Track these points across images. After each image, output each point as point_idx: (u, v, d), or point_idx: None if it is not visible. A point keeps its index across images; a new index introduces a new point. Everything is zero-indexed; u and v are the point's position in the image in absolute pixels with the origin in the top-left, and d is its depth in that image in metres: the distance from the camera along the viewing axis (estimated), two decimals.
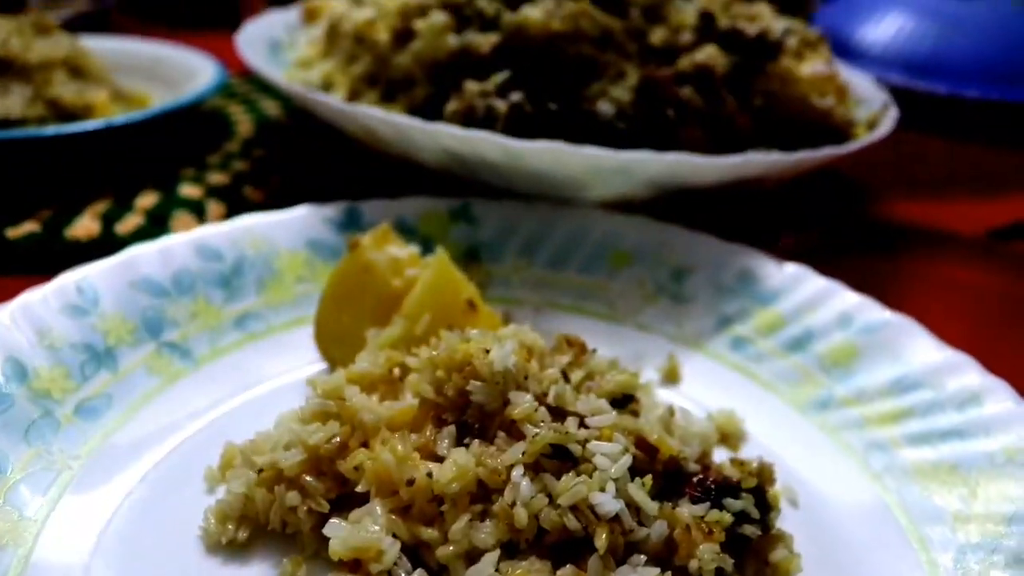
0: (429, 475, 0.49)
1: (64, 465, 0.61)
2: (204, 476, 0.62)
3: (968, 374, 0.70)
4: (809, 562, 0.58)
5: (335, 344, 0.70)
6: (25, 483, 0.58)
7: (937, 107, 1.56)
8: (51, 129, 0.99)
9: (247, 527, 0.56)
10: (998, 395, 0.68)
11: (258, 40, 1.15)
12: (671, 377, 0.76)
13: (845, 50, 1.69)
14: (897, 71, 1.63)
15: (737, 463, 0.59)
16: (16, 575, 0.52)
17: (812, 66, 1.01)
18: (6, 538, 0.54)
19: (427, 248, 0.77)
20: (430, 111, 0.92)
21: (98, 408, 0.66)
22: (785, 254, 0.84)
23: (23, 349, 0.65)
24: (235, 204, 1.00)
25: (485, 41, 0.90)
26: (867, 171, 1.30)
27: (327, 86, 1.03)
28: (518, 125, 0.86)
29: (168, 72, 1.27)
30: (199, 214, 0.98)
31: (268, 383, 0.71)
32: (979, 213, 1.21)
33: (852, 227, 1.13)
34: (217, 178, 1.05)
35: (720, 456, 0.65)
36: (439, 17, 0.93)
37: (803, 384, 0.74)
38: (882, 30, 1.74)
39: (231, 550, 0.56)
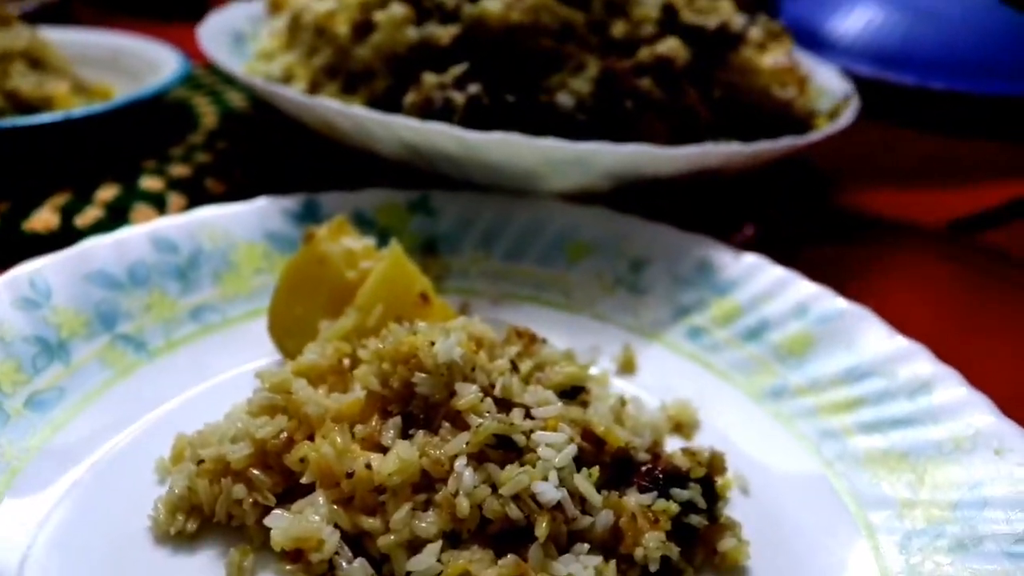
0: (368, 466, 0.49)
1: (12, 458, 0.60)
2: (155, 467, 0.61)
3: (919, 363, 0.71)
4: (758, 549, 0.59)
5: (289, 336, 0.70)
6: None
7: (905, 98, 1.57)
8: (7, 121, 0.98)
9: (196, 518, 0.56)
10: (948, 384, 0.69)
11: (221, 32, 1.14)
12: (627, 367, 0.76)
13: (814, 41, 1.70)
14: (866, 62, 1.64)
15: (688, 453, 0.60)
16: None
17: (773, 57, 1.01)
18: None
19: (385, 240, 0.77)
20: (390, 103, 0.92)
21: (49, 401, 0.65)
22: (747, 243, 0.85)
23: None
24: (197, 196, 0.99)
25: (445, 33, 0.90)
26: (834, 161, 1.30)
27: (288, 78, 1.02)
28: (476, 117, 0.86)
29: (131, 64, 1.26)
30: (160, 207, 0.97)
31: (223, 375, 0.71)
32: (942, 203, 1.22)
33: (815, 216, 1.14)
34: (179, 170, 1.05)
35: (674, 445, 0.66)
36: (398, 9, 0.92)
37: (758, 373, 0.75)
38: (851, 22, 1.75)
39: (180, 541, 0.56)
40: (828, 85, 1.20)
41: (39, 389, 0.65)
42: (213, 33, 1.11)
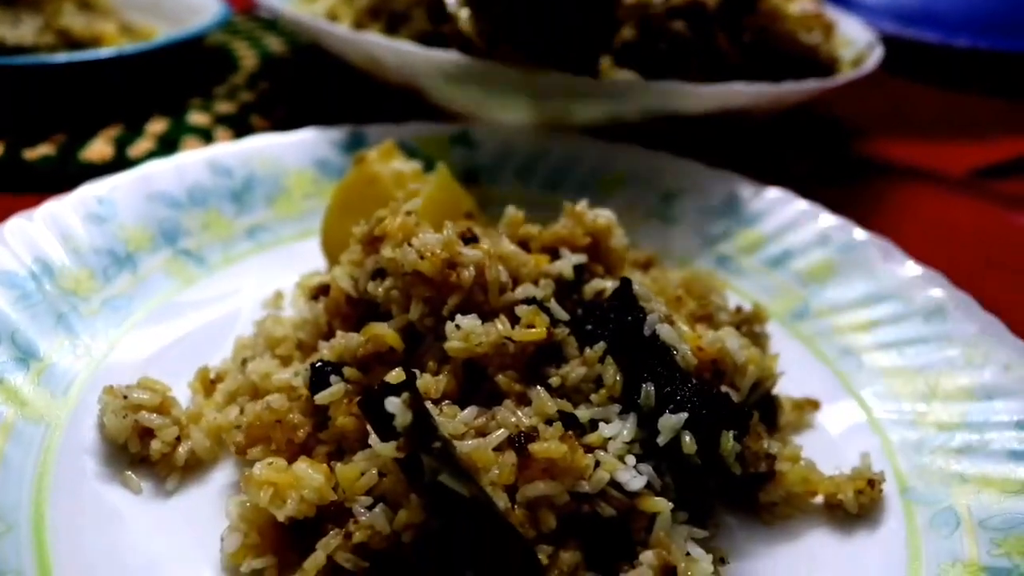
0: None
1: (91, 352, 0.65)
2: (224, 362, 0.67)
3: (935, 288, 0.75)
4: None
5: (341, 251, 0.74)
6: (57, 367, 0.62)
7: (928, 55, 1.59)
8: (63, 56, 1.02)
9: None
10: (961, 306, 0.73)
11: None
12: None
13: None
14: (889, 20, 1.66)
15: None
16: (53, 448, 0.57)
17: (800, 3, 1.04)
18: (43, 414, 0.59)
19: (429, 168, 0.81)
20: (430, 43, 0.95)
21: (120, 306, 0.70)
22: (772, 184, 0.88)
23: (50, 251, 0.69)
24: (242, 131, 1.04)
25: None
26: (857, 113, 1.33)
27: (332, 18, 1.06)
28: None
29: (173, 8, 1.29)
30: (208, 140, 1.01)
31: (277, 286, 0.76)
32: (962, 154, 1.25)
33: (839, 162, 1.17)
34: (224, 107, 1.09)
35: None
36: None
37: (781, 297, 0.79)
38: None
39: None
40: (852, 35, 1.22)
41: (111, 295, 0.70)
42: None
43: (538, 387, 0.53)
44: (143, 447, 0.58)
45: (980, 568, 0.54)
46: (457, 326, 0.54)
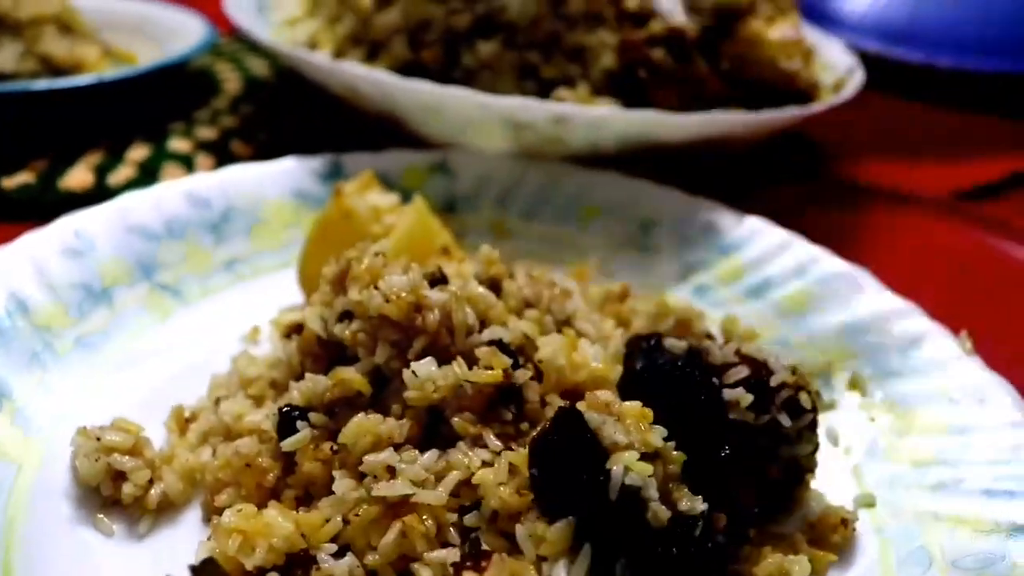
0: None
1: (64, 391, 0.65)
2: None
3: (912, 320, 0.75)
4: None
5: (316, 285, 0.74)
6: (29, 407, 0.62)
7: (912, 75, 1.60)
8: (44, 83, 1.02)
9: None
10: (938, 340, 0.73)
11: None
12: None
13: (822, 17, 1.73)
14: (873, 38, 1.67)
15: None
16: (24, 489, 0.57)
17: (780, 30, 1.04)
18: (14, 455, 0.59)
19: (407, 199, 0.81)
20: (411, 71, 0.96)
21: (95, 342, 0.70)
22: (752, 210, 0.89)
23: (24, 287, 0.69)
24: (223, 158, 1.04)
25: (461, 20, 0.94)
26: (839, 134, 1.33)
27: (313, 45, 1.06)
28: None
29: (156, 31, 1.29)
30: (189, 167, 1.01)
31: (254, 320, 0.76)
32: (944, 176, 1.25)
33: (819, 186, 1.18)
34: (205, 133, 1.09)
35: None
36: None
37: (759, 328, 0.79)
38: None
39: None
40: (833, 59, 1.23)
41: (86, 332, 0.70)
42: (238, 1, 1.15)
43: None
44: (115, 490, 0.58)
45: None
46: (414, 373, 0.54)
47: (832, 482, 0.64)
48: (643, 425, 0.50)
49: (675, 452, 0.51)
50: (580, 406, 0.51)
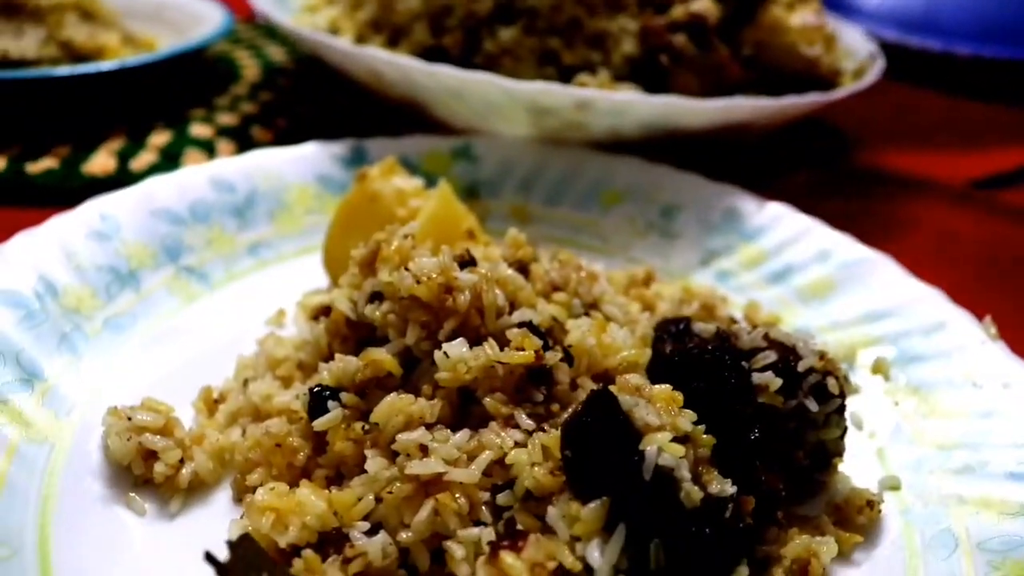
0: None
1: (94, 372, 0.66)
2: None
3: (935, 305, 0.75)
4: None
5: (342, 268, 0.74)
6: (60, 388, 0.63)
7: (930, 63, 1.59)
8: (66, 69, 1.03)
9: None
10: (961, 324, 0.73)
11: None
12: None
13: (840, 5, 1.72)
14: (891, 27, 1.66)
15: None
16: (57, 469, 0.58)
17: (802, 16, 1.04)
18: (47, 435, 0.59)
19: (430, 184, 0.81)
20: (432, 57, 0.96)
21: (123, 324, 0.71)
22: (773, 196, 0.89)
23: (53, 270, 0.69)
24: (244, 143, 1.04)
25: (482, 5, 0.94)
26: (859, 121, 1.33)
27: (334, 31, 1.06)
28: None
29: (175, 17, 1.30)
30: (210, 152, 1.02)
31: (279, 304, 0.76)
32: (962, 164, 1.25)
33: (839, 173, 1.18)
34: (226, 119, 1.09)
35: None
36: None
37: (782, 313, 0.79)
38: None
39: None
40: (854, 46, 1.22)
41: (114, 313, 0.71)
42: None
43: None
44: (147, 469, 0.59)
45: None
46: (446, 354, 0.54)
47: (857, 465, 0.64)
48: (674, 408, 0.51)
49: (705, 435, 0.51)
50: (612, 389, 0.51)
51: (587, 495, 0.49)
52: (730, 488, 0.50)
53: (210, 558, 0.46)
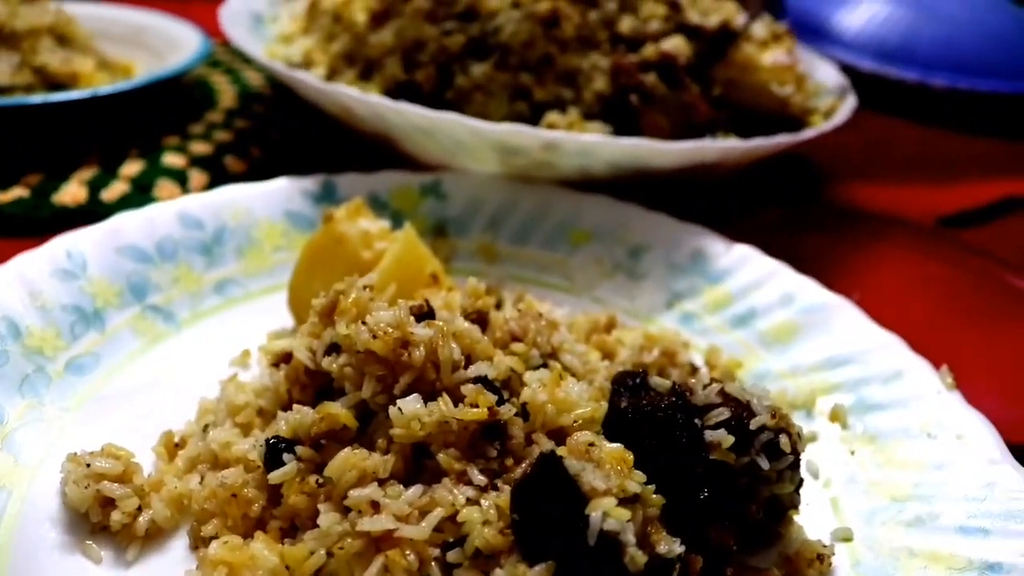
0: None
1: (55, 416, 0.66)
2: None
3: (894, 353, 0.76)
4: None
5: (307, 309, 0.74)
6: (20, 432, 0.63)
7: (907, 94, 1.61)
8: (39, 97, 1.03)
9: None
10: (918, 373, 0.74)
11: (241, 13, 1.18)
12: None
13: (818, 35, 1.74)
14: (869, 57, 1.68)
15: None
16: (13, 515, 0.58)
17: (773, 55, 1.05)
18: (4, 481, 0.59)
19: (398, 221, 0.82)
20: (405, 91, 0.97)
21: (87, 365, 0.71)
22: (742, 234, 0.90)
23: (17, 309, 0.69)
24: (217, 174, 1.04)
25: (454, 42, 0.95)
26: (832, 154, 1.34)
27: (308, 62, 1.07)
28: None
29: (152, 41, 1.30)
30: (182, 183, 1.02)
31: (245, 344, 0.76)
32: (933, 199, 1.26)
33: (809, 209, 1.19)
34: (200, 148, 1.09)
35: None
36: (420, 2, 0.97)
37: (744, 358, 0.80)
38: (855, 16, 1.79)
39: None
40: (827, 82, 1.24)
41: (77, 354, 0.71)
42: (234, 14, 1.15)
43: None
44: (104, 516, 0.59)
45: None
46: (400, 410, 0.55)
47: (811, 515, 0.65)
48: (624, 469, 0.51)
49: (655, 496, 0.52)
50: (561, 451, 0.52)
51: (534, 557, 0.49)
52: (678, 548, 0.51)
53: None
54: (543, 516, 0.49)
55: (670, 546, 0.50)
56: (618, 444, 0.53)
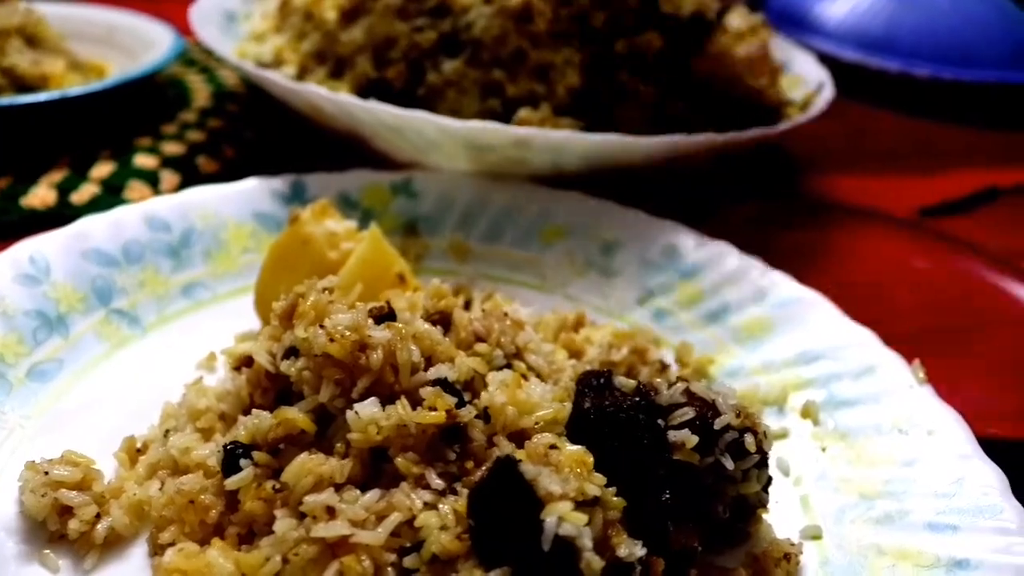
0: None
1: (16, 424, 0.65)
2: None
3: (867, 348, 0.76)
4: None
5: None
6: None
7: (889, 84, 1.61)
8: (6, 100, 1.02)
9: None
10: (890, 369, 0.73)
11: (213, 11, 1.17)
12: None
13: (800, 24, 1.73)
14: (850, 46, 1.68)
15: None
16: None
17: (748, 48, 1.05)
18: None
19: (368, 220, 0.81)
20: (375, 89, 0.96)
21: (49, 372, 0.70)
22: (719, 228, 0.89)
23: None
24: (189, 174, 1.03)
25: (425, 39, 0.94)
26: (813, 145, 1.34)
27: (279, 61, 1.06)
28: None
29: (125, 40, 1.29)
30: (153, 184, 1.01)
31: (211, 348, 0.75)
32: (913, 190, 1.26)
33: (787, 202, 1.18)
34: (172, 148, 1.08)
35: None
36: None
37: (716, 354, 0.80)
38: (837, 5, 1.78)
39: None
40: (805, 73, 1.23)
41: (39, 360, 0.70)
42: (205, 13, 1.14)
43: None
44: (62, 524, 0.58)
45: None
46: (357, 414, 0.54)
47: (781, 513, 0.65)
48: (584, 472, 0.51)
49: (615, 498, 0.51)
50: (519, 454, 0.51)
51: (490, 563, 0.49)
52: (639, 551, 0.50)
53: None
54: (499, 521, 0.49)
55: (631, 549, 0.50)
56: (579, 446, 0.53)
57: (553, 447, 0.53)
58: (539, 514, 0.48)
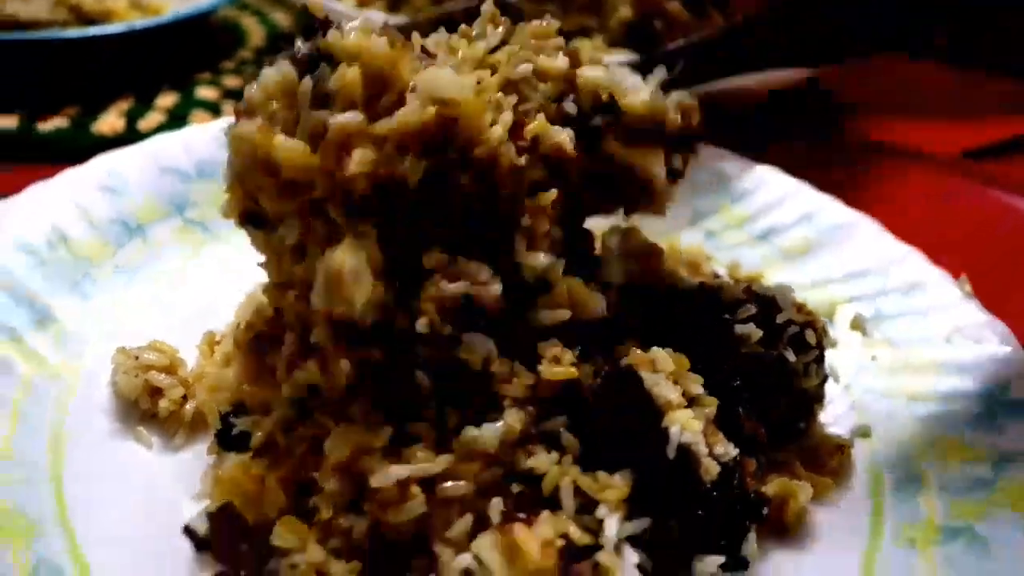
0: None
1: (104, 315, 0.69)
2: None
3: (913, 265, 0.78)
4: None
5: None
6: (72, 329, 0.66)
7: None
8: (74, 31, 1.05)
9: None
10: (937, 284, 0.75)
11: None
12: None
13: None
14: None
15: None
16: (68, 403, 0.61)
17: None
18: (59, 371, 0.63)
19: None
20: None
21: (132, 271, 0.74)
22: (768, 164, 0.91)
23: (64, 219, 0.73)
24: None
25: None
26: (853, 89, 1.34)
27: None
28: None
29: None
30: (216, 114, 1.04)
31: None
32: (958, 134, 1.26)
33: (831, 144, 1.19)
34: (232, 82, 1.12)
35: None
36: None
37: (765, 271, 0.82)
38: None
39: None
40: None
41: (123, 262, 0.74)
42: None
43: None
44: (152, 404, 0.62)
45: (937, 528, 0.58)
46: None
47: (833, 416, 0.67)
48: (684, 374, 0.52)
49: (707, 397, 0.52)
50: (630, 359, 0.52)
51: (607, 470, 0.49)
52: (733, 450, 0.51)
53: (189, 532, 0.49)
54: (616, 431, 0.50)
55: (726, 448, 0.51)
56: (667, 349, 0.54)
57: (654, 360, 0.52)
58: (659, 423, 0.49)
